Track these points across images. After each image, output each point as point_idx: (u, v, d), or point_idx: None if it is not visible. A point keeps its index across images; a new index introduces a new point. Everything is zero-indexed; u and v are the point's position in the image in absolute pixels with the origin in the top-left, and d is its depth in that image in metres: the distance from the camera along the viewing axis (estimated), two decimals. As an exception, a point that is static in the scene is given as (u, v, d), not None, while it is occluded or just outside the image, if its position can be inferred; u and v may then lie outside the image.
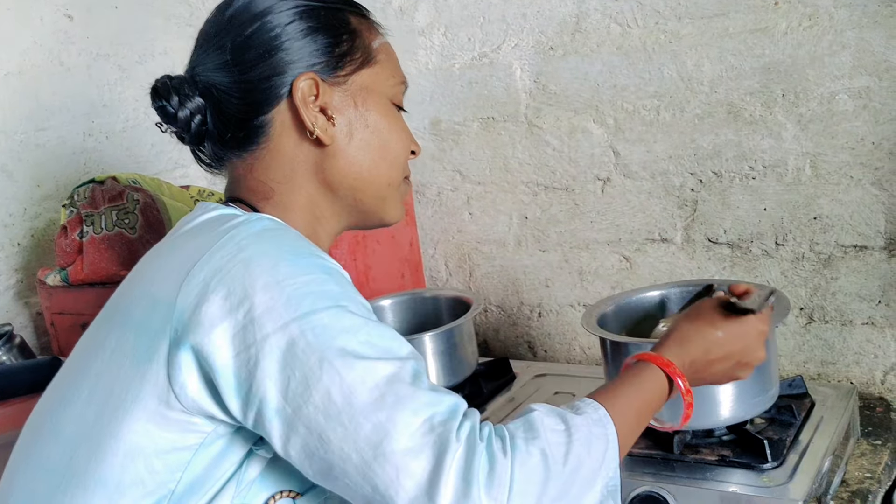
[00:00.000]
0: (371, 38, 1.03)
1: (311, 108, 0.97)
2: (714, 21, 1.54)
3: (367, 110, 1.00)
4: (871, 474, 1.33)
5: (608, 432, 0.88)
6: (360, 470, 0.79)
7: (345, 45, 1.00)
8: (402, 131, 1.04)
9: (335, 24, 1.00)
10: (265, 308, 0.82)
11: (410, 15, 1.82)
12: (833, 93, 1.47)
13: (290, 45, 0.97)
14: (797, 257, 1.57)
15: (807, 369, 1.60)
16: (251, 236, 0.88)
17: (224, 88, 0.98)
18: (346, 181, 1.01)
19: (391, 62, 1.06)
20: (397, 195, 1.05)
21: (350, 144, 0.99)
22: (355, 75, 1.00)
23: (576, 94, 1.69)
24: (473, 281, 1.91)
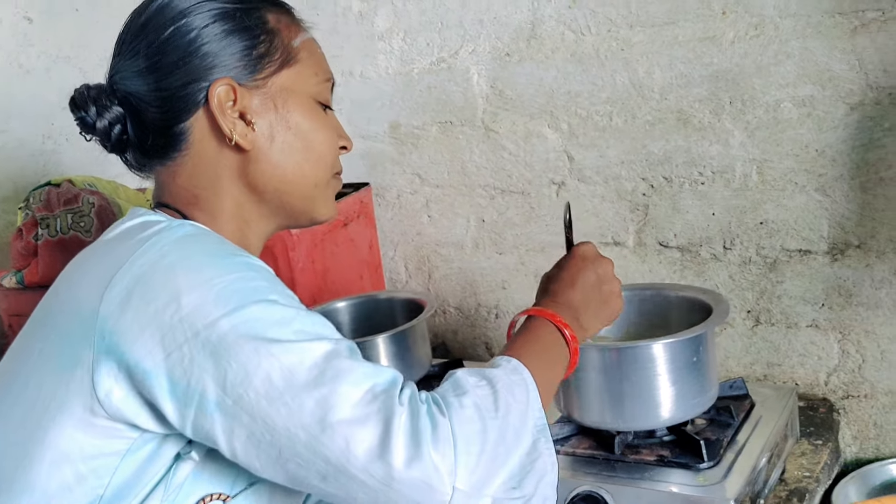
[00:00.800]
0: (291, 36, 1.02)
1: (228, 114, 0.96)
2: (664, 29, 1.57)
3: (287, 112, 0.99)
4: (809, 473, 1.37)
5: (525, 377, 0.93)
6: (310, 446, 0.80)
7: (262, 48, 0.98)
8: (327, 129, 1.03)
9: (251, 26, 0.98)
10: (193, 307, 0.82)
11: (370, 20, 1.84)
12: (778, 101, 1.51)
13: (206, 51, 0.96)
14: (744, 261, 1.60)
15: (753, 371, 1.64)
16: (172, 242, 0.89)
17: (141, 97, 0.97)
18: (270, 184, 1.00)
19: (314, 59, 1.04)
20: (326, 193, 1.05)
21: (272, 148, 0.99)
22: (274, 77, 0.99)
23: (531, 100, 1.72)
24: (433, 283, 1.94)
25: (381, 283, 1.92)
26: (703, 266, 1.64)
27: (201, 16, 0.97)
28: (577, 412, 1.29)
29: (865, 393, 1.55)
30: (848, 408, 1.56)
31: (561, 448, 1.32)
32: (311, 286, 1.71)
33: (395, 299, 1.69)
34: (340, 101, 1.94)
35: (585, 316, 1.08)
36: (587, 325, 1.09)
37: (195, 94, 0.96)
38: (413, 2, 1.79)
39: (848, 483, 1.42)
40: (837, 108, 1.47)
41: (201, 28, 0.96)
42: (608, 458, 1.27)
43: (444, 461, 0.80)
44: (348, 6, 1.86)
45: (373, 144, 1.91)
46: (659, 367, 1.23)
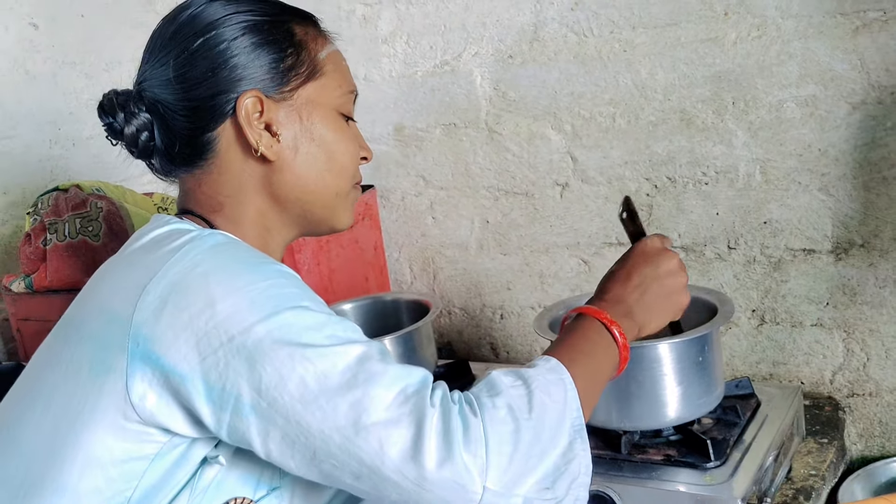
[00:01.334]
0: (318, 48, 1.03)
1: (255, 125, 0.98)
2: (667, 31, 1.57)
3: (312, 124, 1.01)
4: (815, 472, 1.38)
5: (563, 377, 0.91)
6: (344, 448, 0.82)
7: (290, 60, 1.00)
8: (349, 141, 1.04)
9: (280, 39, 1.00)
10: (228, 313, 0.84)
11: (374, 23, 1.85)
12: (781, 101, 1.51)
13: (235, 63, 0.98)
14: (749, 261, 1.61)
15: (759, 370, 1.64)
16: (205, 251, 0.90)
17: (169, 105, 0.98)
18: (293, 194, 1.01)
19: (339, 72, 1.05)
20: (346, 203, 1.06)
21: (296, 159, 1.00)
22: (301, 89, 1.00)
23: (534, 102, 1.73)
24: (437, 284, 1.94)
25: (387, 284, 1.93)
26: (707, 266, 1.64)
27: (231, 28, 0.98)
28: (583, 412, 1.30)
29: (870, 391, 1.55)
30: (853, 406, 1.57)
31: (568, 448, 1.32)
32: (316, 288, 1.70)
33: (401, 301, 1.70)
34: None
35: (641, 312, 1.04)
36: (644, 321, 1.04)
37: (223, 105, 0.98)
38: (416, 5, 1.80)
39: (854, 481, 1.43)
40: (840, 108, 1.47)
41: (230, 40, 0.98)
42: (615, 457, 1.28)
43: (476, 461, 0.81)
44: (352, 10, 1.87)
45: (377, 147, 1.91)
46: (665, 367, 1.23)
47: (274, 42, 1.00)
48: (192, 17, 0.99)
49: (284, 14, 1.03)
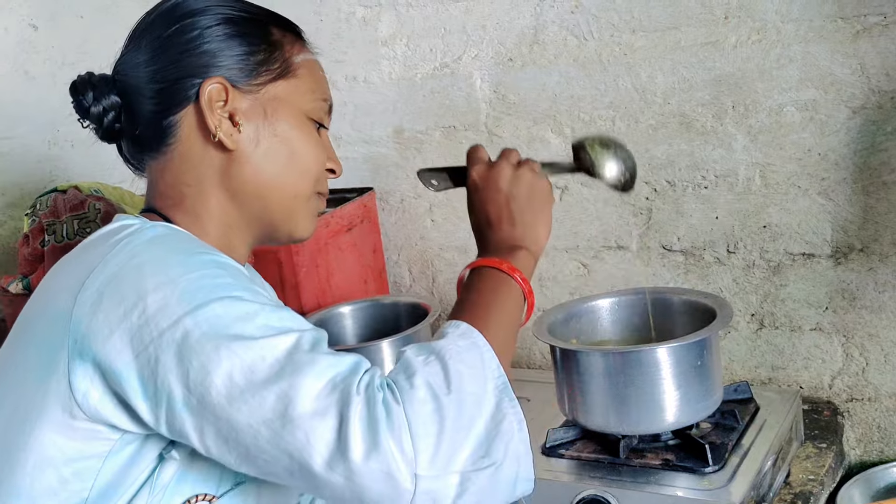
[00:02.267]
0: (293, 52, 1.03)
1: (216, 112, 0.97)
2: (667, 34, 1.57)
3: (276, 120, 1.00)
4: (814, 476, 1.38)
5: (476, 340, 0.89)
6: (273, 442, 0.80)
7: (261, 55, 1.00)
8: (315, 146, 1.02)
9: (255, 34, 1.01)
10: (158, 307, 0.83)
11: (374, 26, 1.85)
12: (781, 105, 1.51)
13: (205, 49, 0.98)
14: (748, 265, 1.61)
15: (758, 374, 1.64)
16: (143, 244, 0.90)
17: (138, 88, 0.99)
18: (250, 188, 1.00)
19: (313, 78, 1.05)
20: (306, 209, 1.04)
21: (256, 151, 0.99)
22: (269, 86, 1.00)
23: (534, 105, 1.72)
24: (436, 287, 1.94)
25: (385, 287, 1.92)
26: (706, 270, 1.64)
27: (207, 18, 0.99)
28: (581, 416, 1.30)
29: (869, 396, 1.55)
30: (852, 411, 1.57)
31: (566, 452, 1.33)
32: (315, 290, 1.71)
33: (400, 304, 1.69)
34: (344, 106, 1.95)
35: (525, 236, 1.02)
36: (531, 241, 1.03)
37: (188, 89, 0.97)
38: (416, 8, 1.80)
39: (852, 486, 1.43)
40: (840, 112, 1.47)
41: (204, 28, 0.98)
42: (613, 462, 1.27)
43: (403, 449, 0.78)
44: (352, 12, 1.87)
45: (376, 149, 1.91)
46: (664, 371, 1.23)
47: (248, 35, 1.00)
48: (173, 6, 1.00)
49: (265, 16, 1.04)
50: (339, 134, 1.94)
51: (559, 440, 1.33)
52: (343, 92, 1.92)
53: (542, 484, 1.26)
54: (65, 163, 1.79)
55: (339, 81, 1.91)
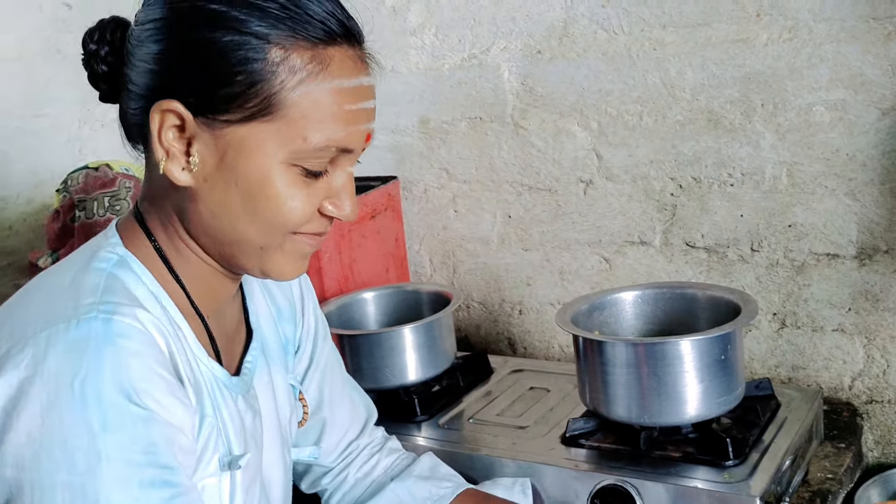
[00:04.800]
0: (293, 83, 0.82)
1: (164, 139, 0.83)
2: (697, 30, 1.57)
3: (235, 168, 0.83)
4: (832, 475, 1.37)
5: None
6: None
7: (234, 88, 0.81)
8: (293, 199, 0.84)
9: (234, 60, 0.81)
10: (12, 445, 0.76)
11: (403, 15, 1.86)
12: (810, 104, 1.51)
13: (167, 63, 0.83)
14: (772, 263, 1.61)
15: (778, 373, 1.64)
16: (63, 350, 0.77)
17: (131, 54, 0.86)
18: (209, 230, 0.88)
19: (316, 118, 0.83)
20: (281, 255, 0.89)
21: (210, 196, 0.85)
22: (235, 127, 0.82)
23: (561, 98, 1.73)
24: (457, 277, 1.95)
25: (406, 276, 1.93)
26: (729, 267, 1.64)
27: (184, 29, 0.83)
28: (603, 406, 1.30)
29: (889, 398, 1.55)
30: (871, 413, 1.57)
31: (585, 442, 1.33)
32: (337, 276, 1.72)
33: (421, 291, 1.70)
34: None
35: None
36: None
37: (148, 99, 0.84)
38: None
39: (870, 487, 1.42)
40: (869, 113, 1.47)
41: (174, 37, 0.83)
42: (633, 452, 1.28)
43: None
44: (381, 1, 1.87)
45: (402, 139, 1.92)
46: (687, 364, 1.23)
47: (224, 59, 0.81)
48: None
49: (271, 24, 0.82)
50: (366, 122, 1.95)
51: (579, 430, 1.34)
52: (370, 80, 1.92)
53: (562, 472, 1.28)
54: (94, 143, 1.81)
55: (367, 70, 1.91)
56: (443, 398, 1.54)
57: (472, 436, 1.42)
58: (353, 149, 0.87)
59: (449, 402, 1.53)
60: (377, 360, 1.49)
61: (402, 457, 1.26)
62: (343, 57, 0.84)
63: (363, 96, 0.86)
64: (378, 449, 1.26)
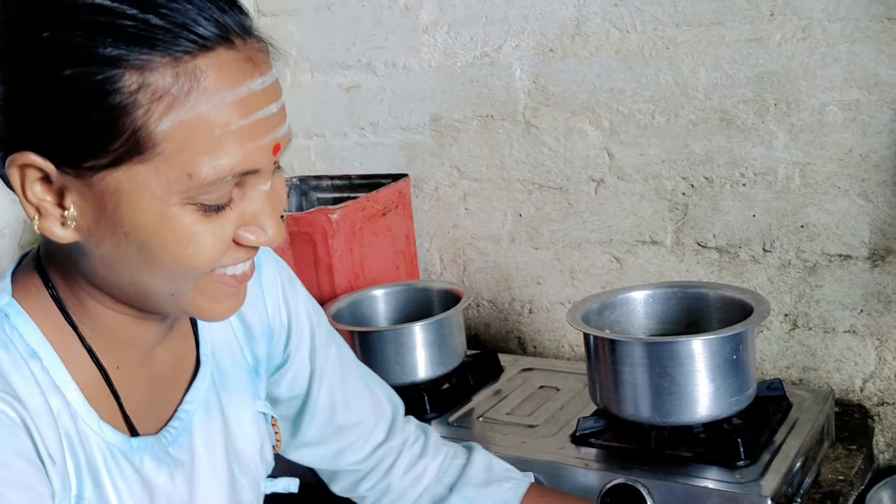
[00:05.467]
0: (159, 112, 0.67)
1: (31, 196, 0.71)
2: (711, 29, 1.57)
3: (120, 220, 0.71)
4: (843, 477, 1.37)
5: None
6: None
7: (90, 130, 0.67)
8: (192, 243, 0.72)
9: (82, 95, 0.67)
10: None
11: (415, 13, 1.86)
12: (824, 104, 1.50)
13: (13, 109, 0.70)
14: (784, 264, 1.60)
15: (789, 374, 1.63)
16: None
17: None
18: (101, 282, 0.77)
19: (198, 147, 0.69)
20: (199, 297, 0.77)
21: (100, 249, 0.73)
22: (105, 173, 0.69)
23: (573, 96, 1.73)
24: (467, 275, 1.95)
25: (416, 273, 1.93)
26: (741, 268, 1.64)
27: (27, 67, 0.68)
28: (613, 405, 1.30)
29: (901, 400, 1.54)
30: (882, 415, 1.56)
31: (595, 440, 1.33)
32: (348, 273, 1.72)
33: (432, 289, 1.70)
34: (382, 92, 1.96)
35: None
36: None
37: (7, 151, 0.71)
38: (459, -4, 1.80)
39: (881, 489, 1.42)
40: (883, 114, 1.46)
41: (20, 81, 0.68)
42: (643, 451, 1.27)
43: None
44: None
45: (413, 136, 1.92)
46: (698, 364, 1.23)
47: (71, 97, 0.67)
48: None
49: (123, 44, 0.66)
50: (377, 120, 1.95)
51: (589, 429, 1.33)
52: (382, 78, 1.93)
53: (572, 471, 1.28)
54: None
55: (379, 67, 1.92)
56: (452, 396, 1.54)
57: (482, 434, 1.42)
58: (259, 168, 0.72)
59: (459, 401, 1.53)
60: (387, 358, 1.49)
61: (449, 456, 1.16)
62: (220, 64, 0.69)
63: (257, 104, 0.71)
64: (420, 449, 1.15)
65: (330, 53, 1.98)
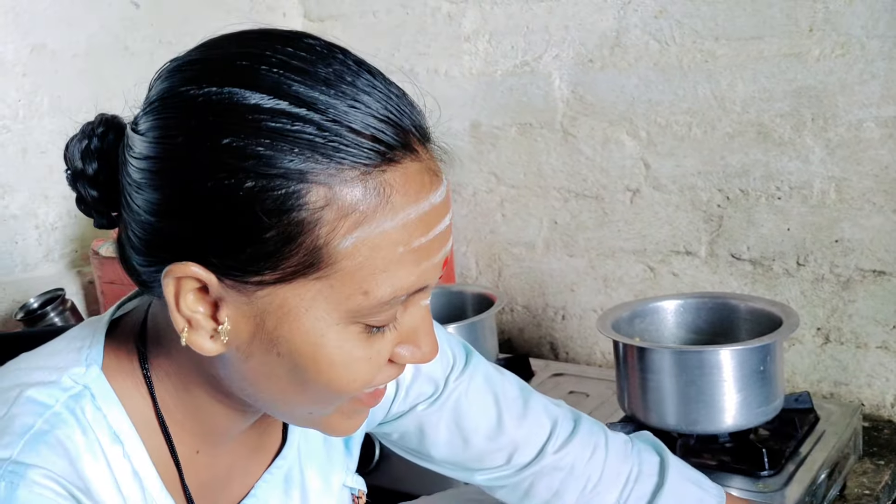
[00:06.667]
0: (344, 229, 0.62)
1: (183, 306, 0.65)
2: (750, 43, 1.58)
3: (277, 338, 0.65)
4: (870, 492, 1.37)
5: None
6: None
7: (266, 246, 0.62)
8: (352, 365, 0.67)
9: (261, 211, 0.61)
10: None
11: (458, 21, 1.89)
12: (861, 120, 1.51)
13: (178, 218, 0.63)
14: (817, 278, 1.61)
15: (820, 388, 1.64)
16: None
17: (129, 179, 0.66)
18: (228, 389, 0.71)
19: (378, 265, 0.63)
20: (336, 416, 0.72)
21: (247, 363, 0.67)
22: (273, 288, 0.63)
23: (611, 106, 1.75)
24: (502, 280, 1.98)
25: (452, 277, 1.96)
26: (774, 280, 1.64)
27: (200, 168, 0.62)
28: (640, 412, 1.32)
29: (932, 418, 1.54)
30: (913, 431, 1.56)
31: (622, 446, 1.35)
32: (385, 275, 1.76)
33: (466, 293, 1.73)
34: (423, 98, 1.99)
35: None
36: None
37: (161, 255, 0.65)
38: (501, 6, 1.84)
39: (909, 506, 1.42)
40: (921, 131, 1.47)
41: (188, 190, 0.62)
42: (669, 459, 1.29)
43: None
44: (437, 6, 1.91)
45: (452, 142, 1.93)
46: (726, 374, 1.25)
47: (248, 212, 0.61)
48: (203, 94, 0.63)
49: (307, 155, 0.61)
50: (418, 125, 1.99)
51: (616, 435, 1.35)
52: (423, 84, 1.96)
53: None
54: (155, 137, 1.88)
55: (421, 74, 1.96)
56: (483, 398, 1.56)
57: (511, 436, 1.45)
58: (429, 285, 0.68)
59: (489, 402, 1.56)
60: (420, 358, 1.53)
61: (632, 479, 0.98)
62: (407, 176, 0.64)
63: (437, 218, 0.66)
64: (588, 465, 0.97)
65: (374, 59, 2.01)
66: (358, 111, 0.63)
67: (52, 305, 1.57)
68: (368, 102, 0.63)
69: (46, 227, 1.76)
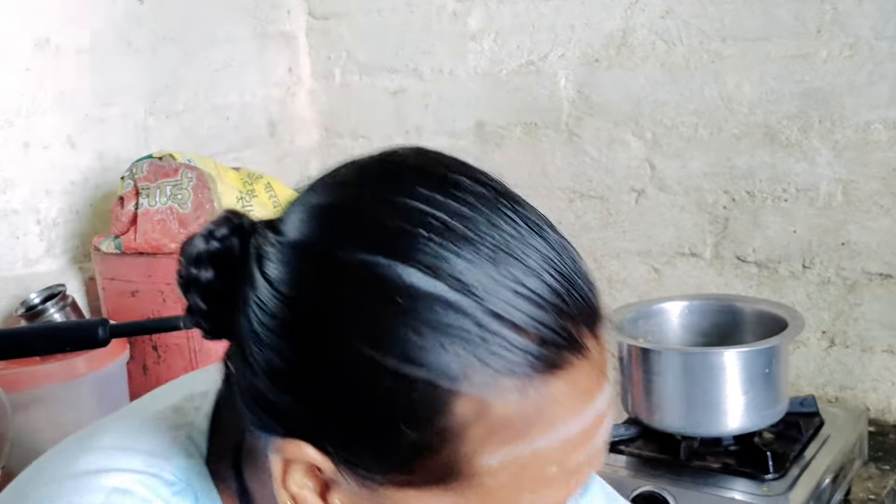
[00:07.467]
0: (492, 446, 0.51)
1: (290, 484, 0.56)
2: (757, 44, 1.57)
3: None
4: (875, 496, 1.36)
5: None
6: None
7: (399, 450, 0.52)
8: None
9: (399, 411, 0.51)
10: None
11: (463, 20, 1.89)
12: (869, 122, 1.50)
13: (299, 392, 0.54)
14: (823, 281, 1.60)
15: (825, 392, 1.63)
16: None
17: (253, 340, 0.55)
18: None
19: (525, 485, 0.53)
20: None
21: None
22: (399, 489, 0.54)
23: (617, 107, 1.74)
24: (505, 281, 1.96)
25: (455, 277, 1.95)
26: (780, 283, 1.63)
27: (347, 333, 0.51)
28: (644, 414, 1.31)
29: (938, 423, 1.53)
30: (919, 436, 1.55)
31: (625, 448, 1.34)
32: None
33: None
34: (428, 97, 1.99)
35: None
36: None
37: (274, 425, 0.56)
38: (507, 4, 1.83)
39: (914, 511, 1.41)
40: (929, 133, 1.46)
41: (318, 366, 0.52)
42: (672, 461, 1.28)
43: None
44: (443, 5, 1.90)
45: (457, 142, 1.95)
46: (730, 376, 1.24)
47: (382, 409, 0.52)
48: (351, 263, 0.51)
49: (484, 355, 0.50)
50: (422, 124, 1.98)
51: (619, 436, 1.34)
52: (428, 83, 1.96)
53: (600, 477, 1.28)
54: (160, 133, 1.87)
55: (426, 73, 1.95)
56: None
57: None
58: (576, 492, 0.56)
59: (491, 403, 1.55)
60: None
61: None
62: (572, 383, 0.52)
63: (599, 426, 0.54)
64: None
65: (379, 57, 2.02)
66: (524, 300, 0.50)
67: (52, 301, 1.56)
68: (536, 288, 0.51)
69: (48, 223, 1.76)
